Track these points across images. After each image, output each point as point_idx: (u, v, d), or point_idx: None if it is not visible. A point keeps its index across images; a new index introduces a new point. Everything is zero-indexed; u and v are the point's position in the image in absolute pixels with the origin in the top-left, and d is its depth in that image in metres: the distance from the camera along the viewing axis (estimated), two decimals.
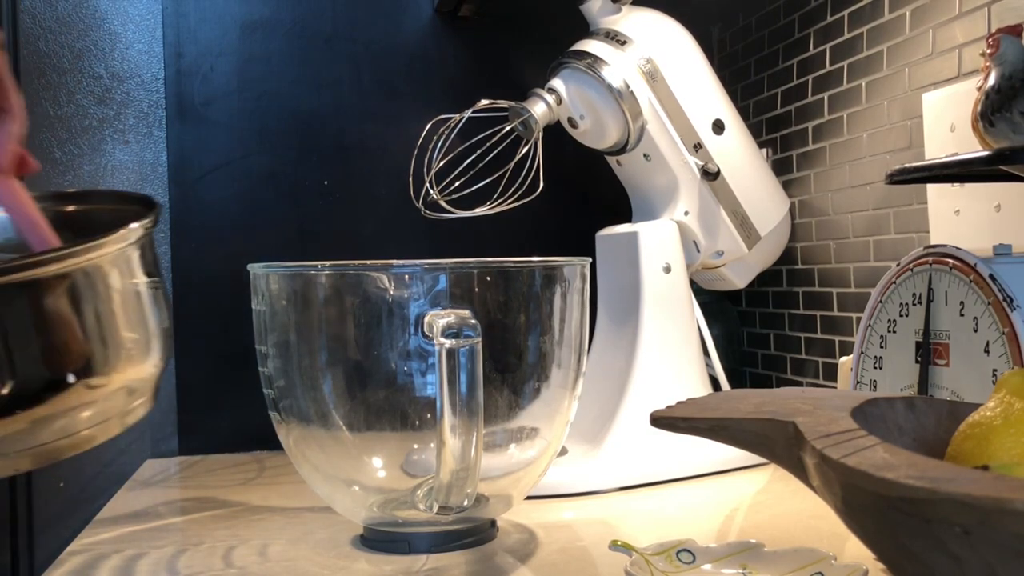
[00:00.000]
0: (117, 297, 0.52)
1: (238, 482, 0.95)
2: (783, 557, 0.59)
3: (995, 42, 0.60)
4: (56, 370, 0.48)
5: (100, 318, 0.51)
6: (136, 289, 0.53)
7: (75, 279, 0.49)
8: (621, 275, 0.96)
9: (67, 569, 0.67)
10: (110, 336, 0.51)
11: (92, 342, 0.50)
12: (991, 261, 0.60)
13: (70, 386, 0.49)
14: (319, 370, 0.67)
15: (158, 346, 0.55)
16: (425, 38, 1.22)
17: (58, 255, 0.49)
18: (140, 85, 1.15)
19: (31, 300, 0.48)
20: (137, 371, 0.53)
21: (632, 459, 0.88)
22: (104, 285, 0.51)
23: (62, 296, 0.48)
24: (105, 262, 0.51)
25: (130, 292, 0.53)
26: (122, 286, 0.52)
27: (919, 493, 0.34)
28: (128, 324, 0.52)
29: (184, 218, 1.14)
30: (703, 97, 0.98)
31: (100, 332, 0.51)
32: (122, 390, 0.52)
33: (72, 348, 0.49)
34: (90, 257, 0.50)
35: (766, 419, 0.47)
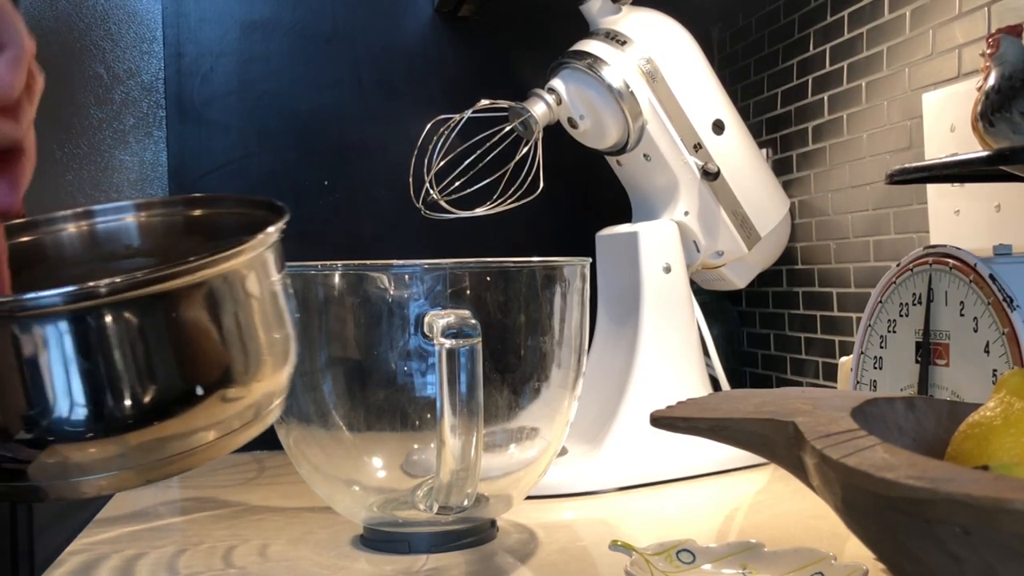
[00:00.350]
0: (256, 304, 0.50)
1: (238, 482, 0.95)
2: (783, 557, 0.59)
3: (995, 42, 0.60)
4: (197, 381, 0.47)
5: (240, 326, 0.49)
6: (273, 290, 0.52)
7: (214, 287, 0.48)
8: (621, 275, 0.96)
9: (67, 569, 0.67)
10: (251, 344, 0.50)
11: (232, 351, 0.49)
12: (991, 261, 0.60)
13: (208, 397, 0.48)
14: (319, 370, 0.67)
15: (294, 344, 0.53)
16: (425, 38, 1.22)
17: (197, 264, 0.47)
18: (140, 85, 1.15)
19: (170, 311, 0.46)
20: (278, 374, 0.52)
21: (632, 459, 0.88)
22: (244, 292, 0.50)
23: (202, 305, 0.47)
24: (244, 267, 0.49)
25: (268, 295, 0.51)
26: (260, 291, 0.51)
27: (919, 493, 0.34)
28: (267, 329, 0.51)
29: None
30: (703, 97, 0.98)
31: (241, 340, 0.49)
32: (264, 395, 0.51)
33: (213, 359, 0.48)
34: (232, 264, 0.48)
35: (766, 419, 0.47)
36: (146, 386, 0.46)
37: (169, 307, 0.46)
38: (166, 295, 0.46)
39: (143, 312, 0.45)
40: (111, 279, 0.45)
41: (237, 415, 0.49)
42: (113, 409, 0.45)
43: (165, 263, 0.46)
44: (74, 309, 0.44)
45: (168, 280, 0.46)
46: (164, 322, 0.46)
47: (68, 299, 0.44)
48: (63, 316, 0.44)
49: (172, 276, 0.46)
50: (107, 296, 0.44)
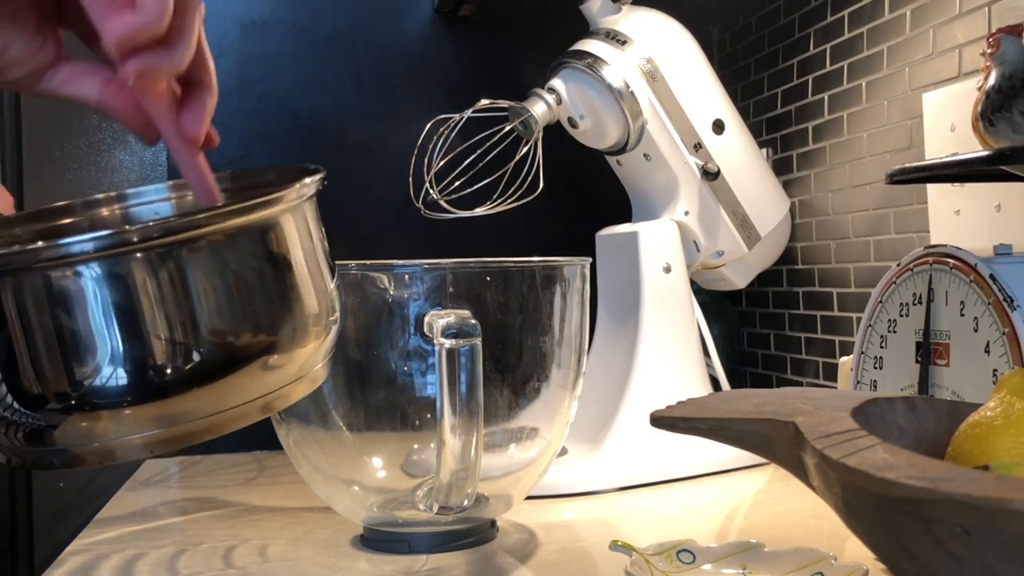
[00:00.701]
0: (299, 255, 0.48)
1: (238, 482, 0.95)
2: (783, 557, 0.59)
3: (995, 42, 0.60)
4: (237, 339, 0.44)
5: (287, 278, 0.47)
6: (317, 239, 0.50)
7: (252, 234, 0.46)
8: (621, 275, 0.96)
9: (67, 569, 0.67)
10: (296, 301, 0.47)
11: (280, 306, 0.46)
12: (991, 261, 0.60)
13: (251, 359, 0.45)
14: None
15: (339, 302, 0.52)
16: (425, 38, 1.22)
17: (232, 209, 0.45)
18: None
19: (205, 260, 0.44)
20: (326, 335, 0.50)
21: (632, 459, 0.88)
22: (286, 242, 0.47)
23: (239, 255, 0.45)
24: (282, 216, 0.47)
25: (312, 246, 0.49)
26: (303, 242, 0.49)
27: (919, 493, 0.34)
28: (311, 284, 0.49)
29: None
30: (703, 97, 0.98)
31: (286, 296, 0.47)
32: (310, 355, 0.49)
33: (257, 314, 0.45)
34: (270, 212, 0.46)
35: (766, 419, 0.47)
36: (189, 341, 0.43)
37: (204, 257, 0.44)
38: (200, 242, 0.44)
39: (177, 261, 0.43)
40: (143, 224, 0.43)
41: (289, 372, 0.47)
42: (152, 369, 0.43)
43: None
44: (105, 255, 0.42)
45: (202, 226, 0.44)
46: (201, 272, 0.44)
47: (99, 245, 0.42)
48: (94, 263, 0.42)
49: (205, 222, 0.44)
50: (139, 242, 0.42)
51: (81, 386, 0.42)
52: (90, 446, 0.44)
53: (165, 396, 0.43)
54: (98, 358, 0.42)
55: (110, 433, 0.43)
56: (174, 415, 0.44)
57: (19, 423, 0.43)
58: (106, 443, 0.44)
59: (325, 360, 0.51)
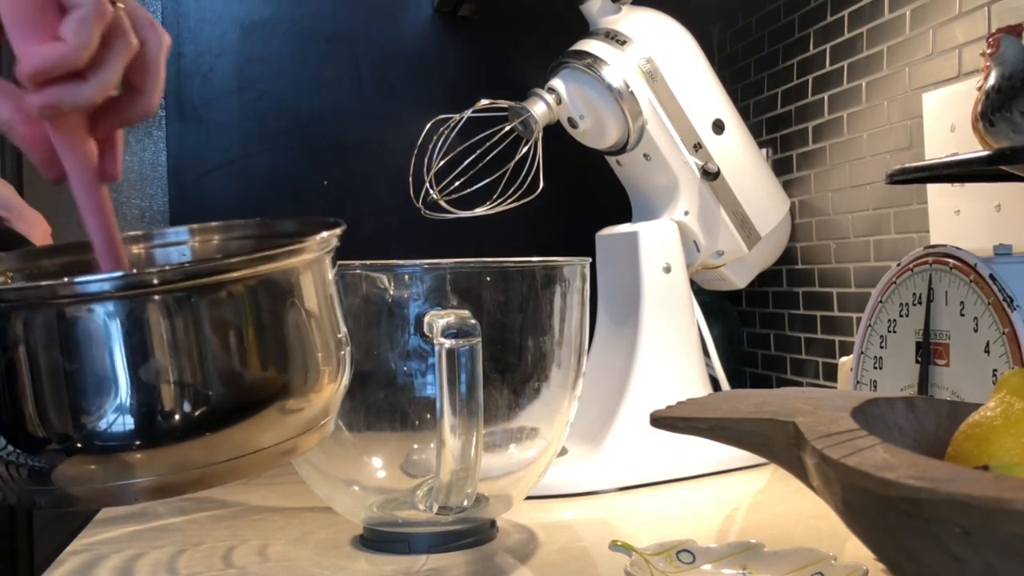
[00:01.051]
0: (317, 306, 0.48)
1: (238, 482, 0.95)
2: (783, 557, 0.59)
3: (995, 42, 0.60)
4: (254, 387, 0.44)
5: (300, 330, 0.46)
6: (329, 295, 0.49)
7: (271, 284, 0.45)
8: (621, 275, 0.96)
9: (67, 569, 0.67)
10: (310, 350, 0.47)
11: (292, 356, 0.46)
12: (991, 261, 0.60)
13: (266, 406, 0.45)
14: None
15: (348, 358, 0.51)
16: (425, 38, 1.22)
17: (251, 258, 0.44)
18: None
19: (222, 305, 0.43)
20: (336, 384, 0.49)
21: (632, 459, 0.88)
22: (302, 294, 0.47)
23: (256, 303, 0.44)
24: (302, 267, 0.47)
25: (326, 298, 0.49)
26: (317, 297, 0.48)
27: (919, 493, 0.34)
28: (325, 336, 0.48)
29: (184, 218, 1.14)
30: (703, 97, 0.98)
31: (301, 345, 0.46)
32: (322, 406, 0.48)
33: (271, 363, 0.45)
34: (289, 263, 0.46)
35: (766, 419, 0.47)
36: (201, 388, 0.43)
37: (222, 304, 0.43)
38: (220, 290, 0.43)
39: (195, 307, 0.43)
40: (162, 267, 0.42)
41: (295, 425, 0.47)
42: (163, 413, 0.42)
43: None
44: (123, 296, 0.41)
45: (220, 272, 0.43)
46: (217, 320, 0.43)
47: (118, 285, 0.41)
48: (111, 303, 0.41)
49: (224, 269, 0.44)
50: (159, 285, 0.42)
51: (84, 428, 0.41)
52: (88, 487, 0.43)
53: (171, 442, 0.43)
54: (106, 400, 0.41)
55: (111, 476, 0.43)
56: (180, 462, 0.43)
57: (17, 463, 0.42)
58: (106, 486, 0.43)
59: (334, 414, 0.51)
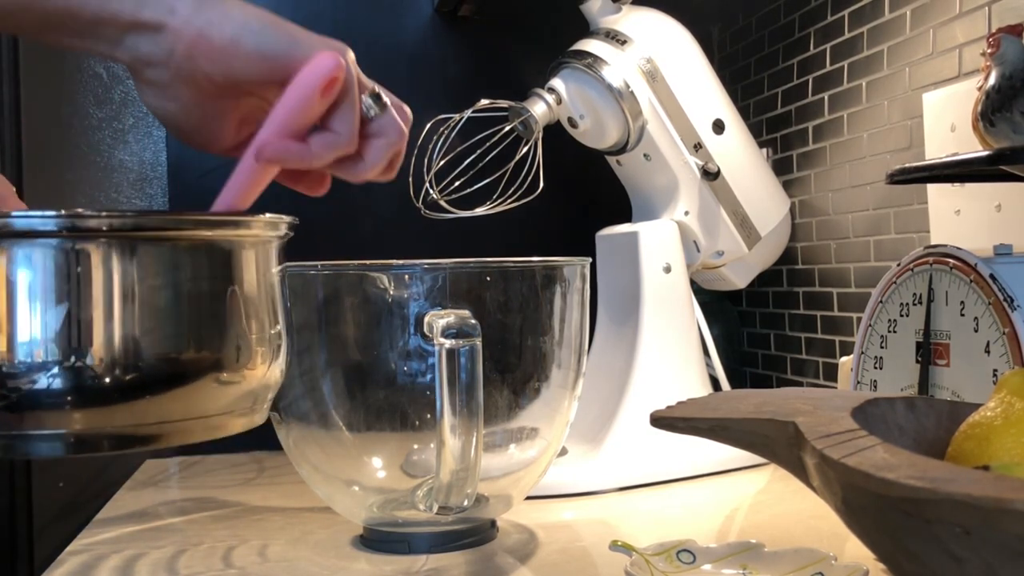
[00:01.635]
0: (254, 289, 0.49)
1: (238, 482, 0.95)
2: (783, 557, 0.59)
3: (995, 42, 0.60)
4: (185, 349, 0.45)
5: (237, 305, 0.47)
6: (271, 283, 0.50)
7: (215, 250, 0.46)
8: (621, 275, 0.96)
9: (67, 569, 0.67)
10: (245, 326, 0.48)
11: (228, 326, 0.47)
12: (992, 261, 0.60)
13: (199, 375, 0.45)
14: (319, 370, 0.67)
15: (284, 344, 0.52)
16: (425, 38, 1.22)
17: (200, 219, 0.46)
18: None
19: (166, 262, 0.44)
20: (271, 368, 0.50)
21: (632, 459, 0.88)
22: (243, 270, 0.48)
23: (197, 268, 0.45)
24: (247, 243, 0.48)
25: (265, 286, 0.50)
26: (258, 278, 0.49)
27: (919, 493, 0.34)
28: (261, 318, 0.49)
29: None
30: (703, 97, 0.98)
31: (236, 319, 0.47)
32: (258, 385, 0.49)
33: (204, 329, 0.46)
34: (235, 233, 0.47)
35: (766, 419, 0.47)
36: (132, 343, 0.43)
37: (165, 256, 0.44)
38: (163, 242, 0.44)
39: (139, 255, 0.43)
40: (109, 211, 0.43)
41: (231, 401, 0.48)
42: (94, 366, 0.42)
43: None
44: (66, 235, 0.42)
45: (167, 228, 0.44)
46: (160, 274, 0.44)
47: (60, 224, 0.42)
48: (52, 242, 0.42)
49: (172, 225, 0.45)
50: (105, 230, 0.42)
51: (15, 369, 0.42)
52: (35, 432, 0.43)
53: (97, 398, 0.43)
54: (37, 342, 0.42)
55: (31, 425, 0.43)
56: (104, 418, 0.44)
57: None
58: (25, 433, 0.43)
59: (264, 405, 0.51)
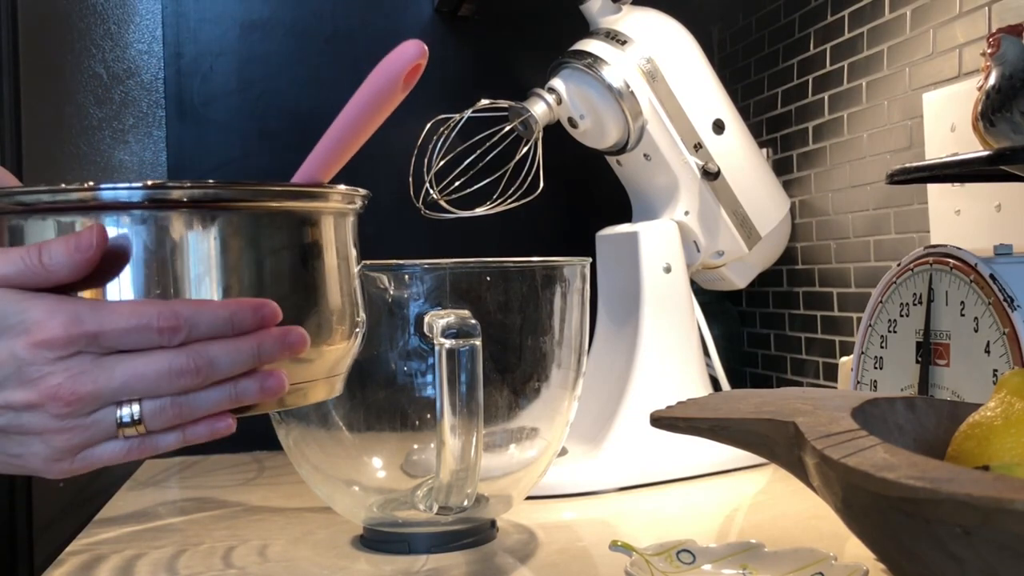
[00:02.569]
0: (336, 263, 0.50)
1: (238, 482, 0.95)
2: (783, 557, 0.59)
3: (995, 42, 0.59)
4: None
5: (327, 277, 0.49)
6: (349, 260, 0.51)
7: (295, 220, 0.47)
8: (621, 275, 0.96)
9: (67, 569, 0.67)
10: (325, 300, 0.49)
11: (311, 297, 0.48)
12: (992, 261, 0.60)
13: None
14: None
15: (363, 325, 0.53)
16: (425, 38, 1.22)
17: (281, 190, 0.47)
18: (140, 85, 1.15)
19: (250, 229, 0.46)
20: (348, 344, 0.51)
21: (632, 459, 0.88)
22: (327, 241, 0.49)
23: (280, 237, 0.47)
24: (326, 214, 0.49)
25: (344, 263, 0.51)
26: (337, 254, 0.50)
27: (919, 493, 0.34)
28: (341, 293, 0.50)
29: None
30: (703, 97, 0.98)
31: (319, 291, 0.48)
32: (335, 360, 0.50)
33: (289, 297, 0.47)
34: (315, 205, 0.49)
35: (766, 419, 0.47)
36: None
37: (246, 227, 0.45)
38: (245, 212, 0.45)
39: (220, 226, 0.45)
40: (189, 182, 0.44)
41: (312, 368, 0.48)
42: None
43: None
44: (149, 205, 0.43)
45: (248, 200, 0.46)
46: (241, 243, 0.45)
47: (145, 196, 0.43)
48: (137, 213, 0.43)
49: (252, 196, 0.46)
50: (187, 201, 0.44)
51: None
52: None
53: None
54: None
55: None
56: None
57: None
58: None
59: (344, 372, 0.52)
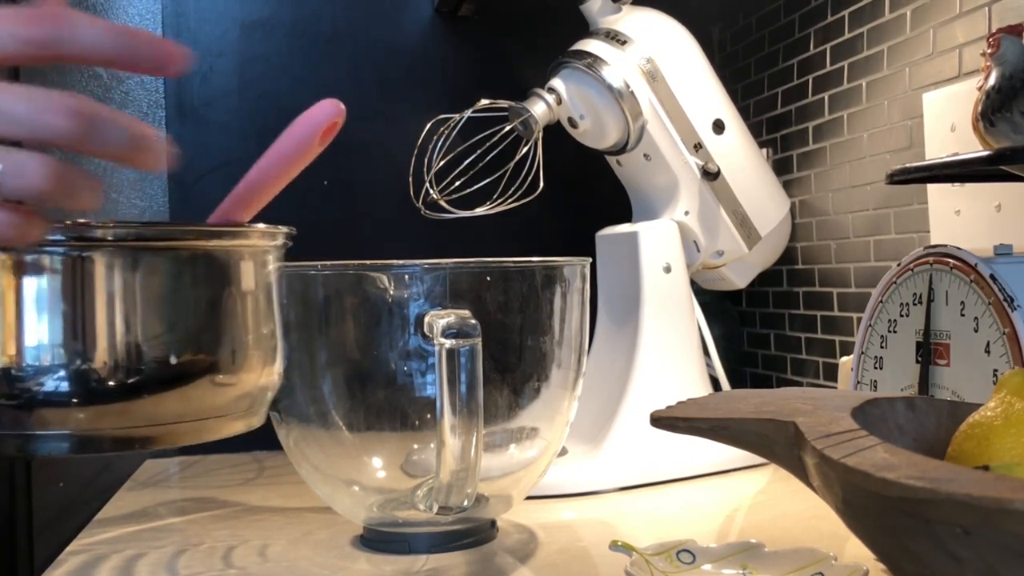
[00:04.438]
0: (253, 294, 0.50)
1: (238, 482, 0.95)
2: (783, 557, 0.59)
3: (995, 42, 0.59)
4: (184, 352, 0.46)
5: (235, 310, 0.49)
6: (268, 288, 0.52)
7: (214, 259, 0.48)
8: (621, 275, 0.96)
9: (67, 569, 0.67)
10: (242, 331, 0.50)
11: (225, 331, 0.48)
12: (992, 261, 0.60)
13: (196, 375, 0.47)
14: (319, 370, 0.67)
15: (281, 348, 0.54)
16: (425, 38, 1.22)
17: (201, 230, 0.48)
18: (140, 85, 1.15)
19: (168, 270, 0.46)
20: (266, 370, 0.52)
21: (632, 459, 0.88)
22: (245, 276, 0.50)
23: (198, 275, 0.47)
24: (246, 253, 0.50)
25: (263, 291, 0.52)
26: (255, 284, 0.51)
27: (919, 493, 0.34)
28: (258, 322, 0.51)
29: (184, 218, 1.14)
30: (703, 97, 0.98)
31: (233, 324, 0.49)
32: (255, 388, 0.51)
33: (204, 333, 0.48)
34: (234, 243, 0.49)
35: (766, 419, 0.47)
36: (137, 347, 0.45)
37: (166, 267, 0.46)
38: (166, 253, 0.46)
39: (141, 265, 0.45)
40: (112, 221, 0.45)
41: (228, 403, 0.49)
42: (96, 369, 0.44)
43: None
44: (72, 244, 0.43)
45: (170, 239, 0.46)
46: (160, 282, 0.46)
47: (68, 234, 0.43)
48: (59, 250, 0.43)
49: (174, 235, 0.47)
50: (110, 239, 0.44)
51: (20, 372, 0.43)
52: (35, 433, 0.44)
53: (100, 399, 0.44)
54: (44, 348, 0.43)
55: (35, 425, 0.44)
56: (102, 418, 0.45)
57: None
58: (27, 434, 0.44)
59: (261, 407, 0.53)
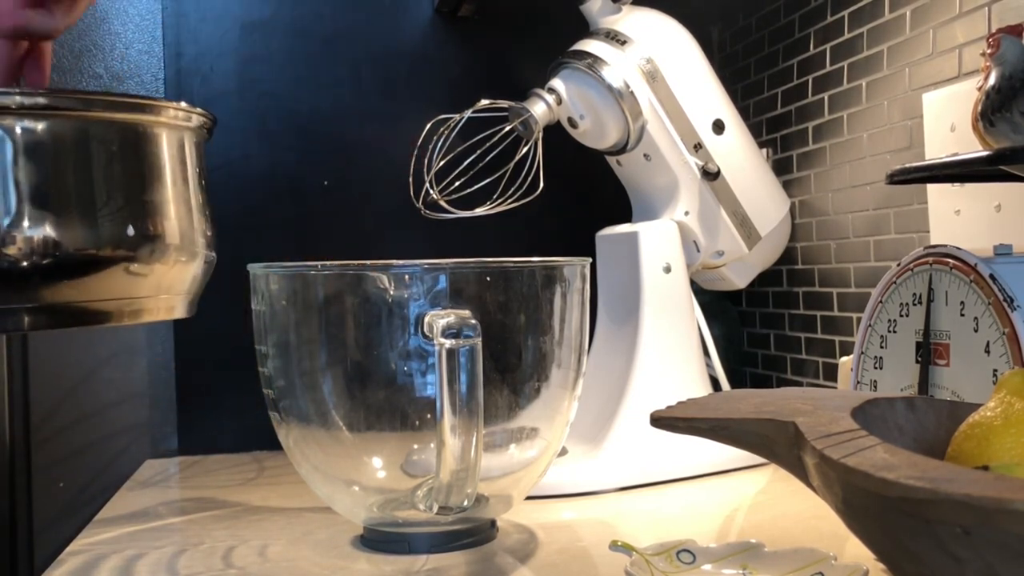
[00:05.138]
0: (170, 177, 0.49)
1: (238, 482, 0.95)
2: (783, 557, 0.59)
3: (995, 42, 0.59)
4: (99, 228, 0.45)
5: (151, 190, 0.48)
6: (188, 178, 0.51)
7: (126, 131, 0.47)
8: (621, 275, 0.96)
9: (67, 569, 0.67)
10: (156, 215, 0.48)
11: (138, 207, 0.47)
12: (991, 261, 0.60)
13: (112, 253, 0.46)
14: (319, 370, 0.67)
15: (205, 250, 0.52)
16: (425, 38, 1.22)
17: (109, 100, 0.47)
18: (140, 85, 1.15)
19: (81, 138, 0.45)
20: (184, 267, 0.50)
21: (632, 459, 0.88)
22: (155, 155, 0.48)
23: (108, 146, 0.46)
24: (159, 128, 0.49)
25: (181, 179, 0.50)
26: (172, 167, 0.49)
27: (919, 493, 0.34)
28: (179, 210, 0.50)
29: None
30: (703, 97, 0.98)
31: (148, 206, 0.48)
32: (168, 282, 0.50)
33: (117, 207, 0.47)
34: (142, 117, 0.48)
35: (766, 419, 0.47)
36: (46, 218, 0.44)
37: (81, 134, 0.45)
38: (80, 121, 0.45)
39: (51, 132, 0.44)
40: (22, 89, 0.45)
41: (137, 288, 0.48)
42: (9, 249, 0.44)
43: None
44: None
45: (78, 109, 0.45)
46: (73, 150, 0.45)
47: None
48: None
49: (83, 105, 0.46)
50: (14, 109, 0.44)
51: None
52: None
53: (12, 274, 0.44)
54: None
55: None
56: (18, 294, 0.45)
57: None
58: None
59: (188, 296, 0.52)
